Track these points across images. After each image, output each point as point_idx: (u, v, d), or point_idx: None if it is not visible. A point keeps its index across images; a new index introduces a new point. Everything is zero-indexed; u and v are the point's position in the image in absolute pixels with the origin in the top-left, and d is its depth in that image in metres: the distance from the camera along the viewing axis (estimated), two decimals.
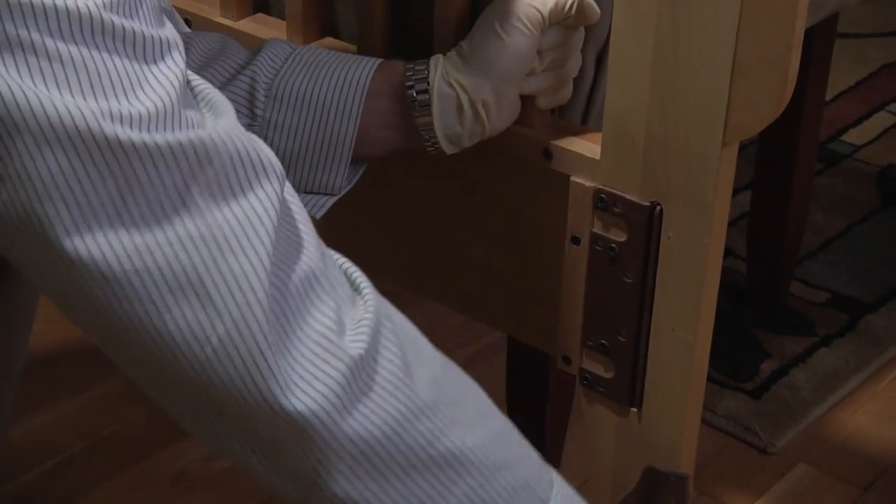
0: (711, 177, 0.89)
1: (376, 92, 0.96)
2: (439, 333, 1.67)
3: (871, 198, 1.91)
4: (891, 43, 2.35)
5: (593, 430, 1.05)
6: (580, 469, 1.42)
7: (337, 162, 0.97)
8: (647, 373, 0.98)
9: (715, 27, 0.85)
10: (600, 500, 1.07)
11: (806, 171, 1.60)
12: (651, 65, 0.89)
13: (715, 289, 0.95)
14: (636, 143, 0.92)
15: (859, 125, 2.10)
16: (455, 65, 0.95)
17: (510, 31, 0.92)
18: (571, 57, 0.97)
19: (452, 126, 0.95)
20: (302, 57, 0.97)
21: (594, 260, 0.98)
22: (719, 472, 1.44)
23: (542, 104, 0.98)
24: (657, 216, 0.93)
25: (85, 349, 1.60)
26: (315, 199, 0.99)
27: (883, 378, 1.58)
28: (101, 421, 1.49)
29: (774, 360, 1.59)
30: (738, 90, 0.86)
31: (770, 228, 1.62)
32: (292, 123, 0.96)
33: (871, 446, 1.47)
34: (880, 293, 1.71)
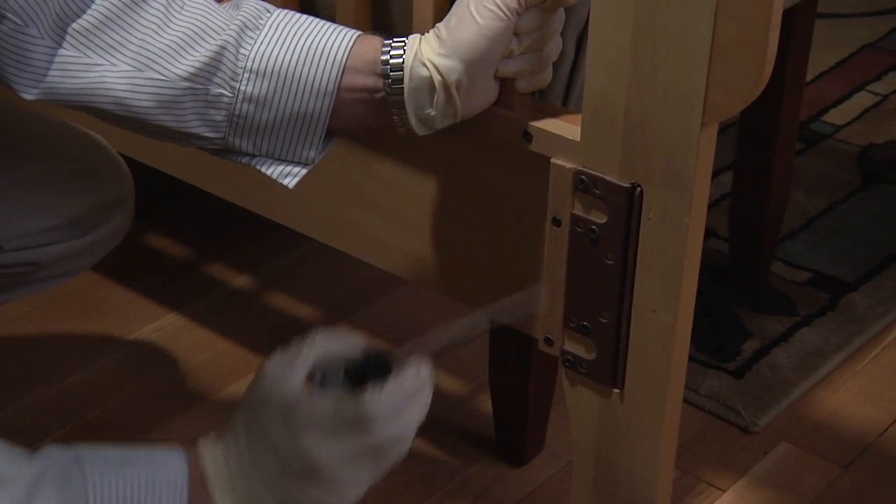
0: (691, 157, 0.89)
1: (352, 68, 0.95)
2: (422, 316, 1.68)
3: (852, 178, 1.92)
4: (871, 23, 2.36)
5: (576, 412, 1.05)
6: (563, 450, 1.43)
7: (310, 136, 0.97)
8: (629, 354, 0.99)
9: (693, 7, 0.85)
10: (583, 480, 1.07)
11: (787, 152, 1.60)
12: (630, 46, 0.89)
13: (695, 269, 0.95)
14: (616, 124, 0.92)
15: (840, 105, 2.10)
16: (431, 45, 0.94)
17: (484, 13, 0.92)
18: (550, 40, 0.96)
19: (424, 107, 0.95)
20: (278, 25, 0.96)
21: (575, 242, 0.98)
22: (702, 451, 1.44)
23: (521, 87, 0.98)
24: (637, 197, 0.93)
25: (68, 334, 1.60)
26: (289, 169, 0.99)
27: (864, 357, 1.58)
28: (85, 406, 1.49)
29: (756, 340, 1.59)
30: (716, 70, 0.86)
31: (751, 209, 1.62)
32: (267, 97, 0.96)
33: (852, 425, 1.48)
34: (861, 272, 1.72)
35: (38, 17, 0.91)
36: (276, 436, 0.85)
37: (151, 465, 0.85)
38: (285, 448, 0.85)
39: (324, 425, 0.84)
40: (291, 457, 0.85)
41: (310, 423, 0.84)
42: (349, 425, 0.84)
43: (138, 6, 0.95)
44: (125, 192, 1.28)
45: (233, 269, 1.72)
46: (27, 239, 1.21)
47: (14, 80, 0.94)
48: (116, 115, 0.97)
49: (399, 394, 0.85)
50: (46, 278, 1.26)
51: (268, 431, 0.85)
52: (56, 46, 0.93)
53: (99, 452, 0.85)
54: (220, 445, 0.87)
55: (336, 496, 0.86)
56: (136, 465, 0.85)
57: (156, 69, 0.94)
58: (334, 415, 0.84)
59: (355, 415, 0.84)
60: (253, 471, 0.86)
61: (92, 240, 1.25)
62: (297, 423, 0.84)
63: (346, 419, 0.84)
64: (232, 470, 0.86)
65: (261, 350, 1.58)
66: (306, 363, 0.86)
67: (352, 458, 0.85)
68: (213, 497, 0.86)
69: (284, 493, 0.86)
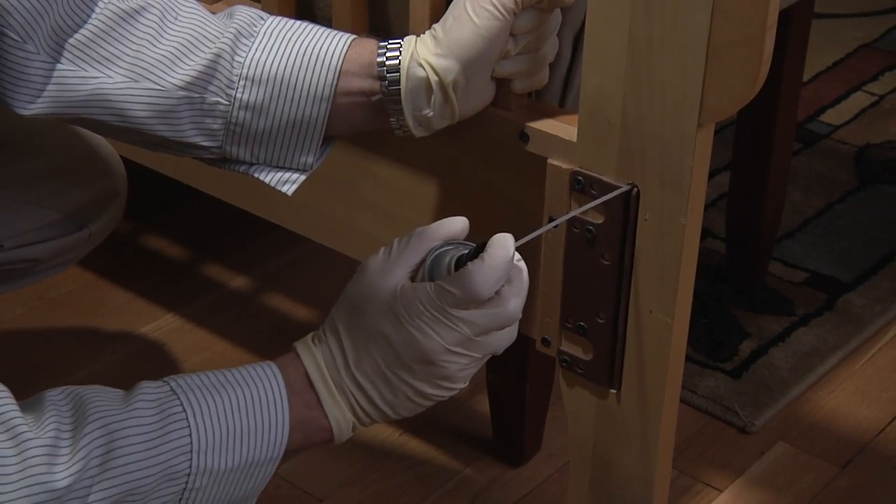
0: (687, 158, 0.90)
1: (348, 71, 0.95)
2: None
3: (848, 178, 1.92)
4: (868, 23, 2.36)
5: (573, 412, 1.05)
6: (561, 450, 1.43)
7: (308, 142, 0.97)
8: (626, 354, 0.99)
9: (690, 8, 0.85)
10: (581, 480, 1.07)
11: (784, 152, 1.60)
12: (626, 46, 0.89)
13: (692, 270, 0.95)
14: (612, 124, 0.92)
15: (837, 105, 2.10)
16: (427, 46, 0.94)
17: (481, 14, 0.92)
18: (547, 40, 0.97)
19: (421, 108, 0.95)
20: (272, 31, 0.96)
21: (571, 242, 0.98)
22: (699, 451, 1.44)
23: (517, 88, 0.98)
24: (634, 198, 0.93)
25: (65, 335, 1.60)
26: (287, 176, 0.99)
27: (861, 357, 1.58)
28: None
29: (753, 340, 1.60)
30: (712, 71, 0.86)
31: (748, 209, 1.62)
32: (263, 104, 0.96)
33: (849, 424, 1.48)
34: (858, 272, 1.72)
35: (36, 33, 0.91)
36: (387, 329, 0.86)
37: (248, 385, 0.86)
38: (398, 339, 0.86)
39: (434, 311, 0.85)
40: (405, 347, 0.86)
41: (421, 311, 0.85)
42: (457, 304, 0.85)
43: (133, 18, 0.95)
44: (119, 185, 1.28)
45: (230, 269, 1.72)
46: (26, 236, 1.21)
47: (11, 96, 0.93)
48: (114, 127, 0.97)
49: (500, 266, 0.86)
50: (43, 270, 1.26)
51: (377, 325, 0.86)
52: (53, 62, 0.93)
53: (193, 379, 0.86)
54: (321, 347, 0.88)
55: (446, 383, 0.88)
56: (231, 386, 0.86)
57: (152, 79, 0.94)
58: (442, 298, 0.85)
59: (462, 290, 0.85)
60: (362, 366, 0.87)
61: (89, 233, 1.26)
62: (409, 313, 0.85)
63: (454, 299, 0.85)
64: (337, 369, 0.88)
65: (259, 350, 1.58)
66: (409, 260, 0.87)
67: (465, 342, 0.86)
68: (321, 396, 0.87)
69: (396, 384, 0.87)
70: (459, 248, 0.88)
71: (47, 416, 0.81)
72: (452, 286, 0.85)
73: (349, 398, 0.88)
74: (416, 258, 0.88)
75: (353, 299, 0.88)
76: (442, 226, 0.90)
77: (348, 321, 0.88)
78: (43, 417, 0.81)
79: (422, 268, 0.88)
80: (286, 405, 0.87)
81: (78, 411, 0.82)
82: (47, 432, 0.80)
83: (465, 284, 0.85)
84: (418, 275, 0.88)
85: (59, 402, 0.83)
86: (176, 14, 0.96)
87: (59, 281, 1.66)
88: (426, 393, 0.88)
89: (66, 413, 0.82)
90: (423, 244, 0.88)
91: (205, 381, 0.86)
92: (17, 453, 0.78)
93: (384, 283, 0.87)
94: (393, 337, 0.86)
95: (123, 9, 0.95)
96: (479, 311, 0.86)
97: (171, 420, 0.84)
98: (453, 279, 0.85)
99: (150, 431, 0.83)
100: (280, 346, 1.58)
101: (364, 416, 0.88)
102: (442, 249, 0.88)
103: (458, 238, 0.90)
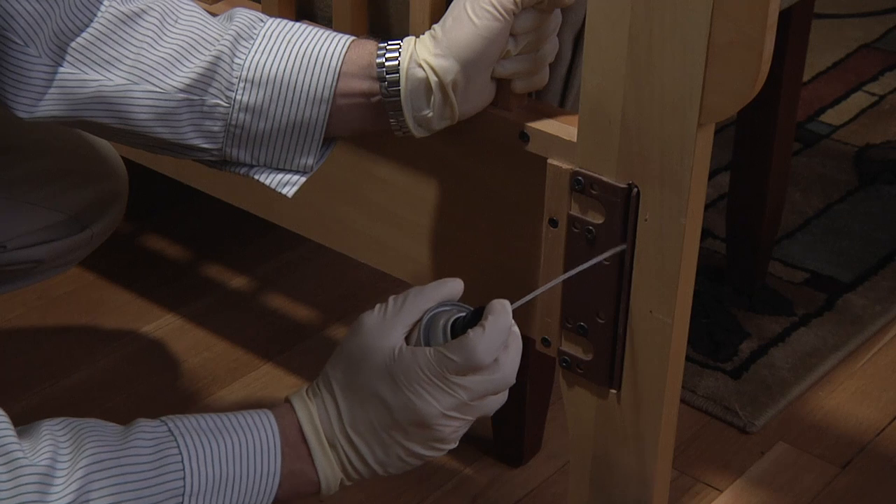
0: (687, 158, 0.90)
1: (347, 73, 0.95)
2: None
3: (848, 178, 1.92)
4: (868, 23, 2.36)
5: (573, 412, 1.05)
6: (561, 450, 1.43)
7: (308, 144, 0.97)
8: (626, 354, 0.99)
9: (690, 8, 0.85)
10: (581, 480, 1.07)
11: (784, 152, 1.60)
12: (627, 46, 0.89)
13: (692, 270, 0.95)
14: (612, 125, 0.92)
15: (837, 105, 2.10)
16: (427, 47, 0.94)
17: (481, 14, 0.92)
18: (547, 41, 0.97)
19: (421, 108, 0.95)
20: (272, 33, 0.96)
21: (572, 242, 0.98)
22: (699, 451, 1.44)
23: (517, 88, 0.98)
24: (634, 198, 0.93)
25: (65, 335, 1.60)
26: (288, 178, 0.99)
27: (861, 357, 1.58)
28: (80, 407, 1.49)
29: (753, 340, 1.60)
30: (713, 71, 0.86)
31: (748, 209, 1.62)
32: (263, 106, 0.96)
33: (849, 425, 1.48)
34: (858, 272, 1.72)
35: (37, 36, 0.91)
36: (383, 391, 0.87)
37: (243, 432, 0.87)
38: (395, 402, 0.87)
39: (433, 377, 0.86)
40: (401, 410, 0.87)
41: (419, 376, 0.86)
42: (457, 371, 0.86)
43: (133, 21, 0.95)
44: (121, 186, 1.29)
45: (230, 269, 1.72)
46: (30, 237, 1.21)
47: (13, 100, 0.93)
48: (114, 130, 0.97)
49: (500, 334, 0.87)
50: (45, 271, 1.27)
51: (373, 387, 0.87)
52: (54, 65, 0.93)
53: (191, 421, 0.87)
54: (315, 401, 0.89)
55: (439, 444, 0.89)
56: (227, 432, 0.87)
57: (152, 81, 0.95)
58: (442, 364, 0.86)
59: (463, 358, 0.86)
60: (356, 425, 0.88)
61: (91, 234, 1.26)
62: (407, 377, 0.86)
63: (455, 366, 0.86)
64: (331, 424, 0.88)
65: (258, 350, 1.58)
66: (405, 320, 0.88)
67: (460, 406, 0.87)
68: (313, 451, 0.88)
69: (389, 445, 0.88)
70: (454, 311, 0.90)
71: (43, 443, 0.82)
72: (454, 353, 0.86)
73: (340, 455, 0.89)
74: (413, 318, 0.89)
75: (349, 357, 0.89)
76: (438, 287, 0.91)
77: (344, 379, 0.89)
78: (38, 445, 0.82)
79: (417, 328, 0.89)
80: (279, 456, 0.88)
81: (75, 443, 0.83)
82: (42, 459, 0.80)
83: (466, 352, 0.86)
84: (413, 335, 0.89)
85: (56, 431, 0.83)
86: (176, 17, 0.96)
87: (59, 281, 1.66)
88: (418, 454, 0.89)
89: (63, 443, 0.82)
90: (418, 304, 0.89)
91: (202, 424, 0.87)
92: (10, 478, 0.79)
93: (381, 344, 0.88)
94: (389, 400, 0.87)
95: (124, 12, 0.95)
96: (477, 378, 0.87)
97: (167, 462, 0.84)
98: (454, 346, 0.87)
99: (146, 471, 0.83)
100: (280, 345, 1.59)
101: (353, 472, 0.90)
102: (437, 310, 0.89)
103: (454, 299, 0.91)
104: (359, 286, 1.68)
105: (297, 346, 1.59)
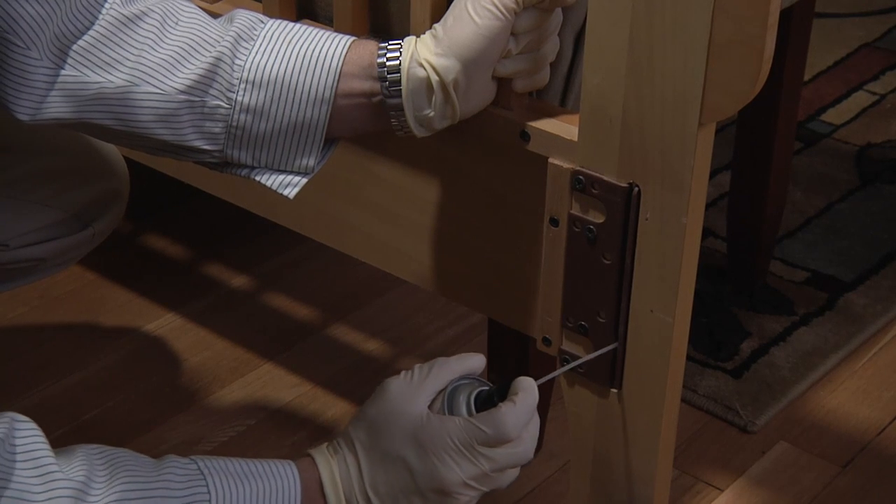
0: (688, 157, 0.90)
1: (348, 73, 0.95)
2: (420, 316, 1.68)
3: (849, 177, 1.92)
4: (869, 22, 2.36)
5: (574, 412, 1.05)
6: (561, 450, 1.43)
7: (309, 145, 0.97)
8: (627, 354, 0.99)
9: (691, 7, 0.85)
10: (582, 480, 1.07)
11: (785, 151, 1.60)
12: (627, 46, 0.89)
13: (693, 269, 0.95)
14: (613, 124, 0.92)
15: (838, 105, 2.10)
16: (427, 46, 0.94)
17: (482, 14, 0.92)
18: (548, 40, 0.96)
19: (422, 108, 0.95)
20: (272, 35, 0.97)
21: (572, 241, 0.98)
22: (700, 451, 1.44)
23: (518, 87, 0.98)
24: (635, 197, 0.93)
25: (65, 333, 1.60)
26: (289, 179, 0.99)
27: (862, 356, 1.58)
28: (82, 406, 1.49)
29: (754, 339, 1.60)
30: (713, 71, 0.86)
31: (749, 208, 1.62)
32: (264, 107, 0.96)
33: (850, 424, 1.48)
34: (859, 272, 1.72)
35: (39, 39, 0.91)
36: (408, 455, 0.89)
37: (267, 479, 0.89)
38: (419, 467, 0.89)
39: (461, 446, 0.89)
40: (424, 475, 0.89)
41: (447, 444, 0.89)
42: (485, 443, 0.90)
43: (133, 23, 0.95)
44: (122, 184, 1.29)
45: (231, 269, 1.72)
46: (32, 235, 1.22)
47: (14, 102, 0.93)
48: (115, 132, 0.97)
49: (528, 410, 0.91)
50: (47, 268, 1.27)
51: (397, 451, 0.90)
52: (55, 68, 0.93)
53: (219, 463, 0.89)
54: (336, 459, 0.91)
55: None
56: (253, 477, 0.89)
57: (152, 83, 0.95)
58: (472, 434, 0.89)
59: (494, 430, 0.89)
60: (376, 486, 0.90)
61: (93, 232, 1.27)
62: (434, 444, 0.89)
63: (484, 437, 0.89)
64: (351, 484, 0.90)
65: (259, 350, 1.58)
66: (430, 388, 0.91)
67: (481, 476, 0.90)
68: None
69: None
70: (476, 384, 0.94)
71: (77, 461, 0.83)
72: (485, 425, 0.89)
73: None
74: (437, 387, 0.92)
75: (374, 419, 0.91)
76: (462, 360, 0.94)
77: (367, 440, 0.91)
78: (73, 461, 0.83)
79: (440, 397, 0.92)
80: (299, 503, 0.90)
81: (110, 468, 0.85)
82: (77, 475, 0.82)
83: (497, 424, 0.89)
84: (436, 403, 0.92)
85: (92, 454, 0.85)
86: (177, 19, 0.96)
87: (59, 280, 1.66)
88: None
89: (98, 465, 0.84)
90: (443, 375, 0.92)
91: (229, 467, 0.89)
92: (44, 490, 0.80)
93: (407, 409, 0.90)
94: (414, 464, 0.89)
95: (125, 14, 0.95)
96: (502, 450, 0.90)
97: (196, 499, 0.86)
98: (485, 418, 0.90)
99: None
100: (280, 345, 1.59)
101: None
102: (460, 382, 0.93)
103: (475, 373, 0.95)
104: (359, 285, 1.68)
105: (297, 346, 1.59)
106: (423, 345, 1.58)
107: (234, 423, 1.47)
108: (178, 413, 1.48)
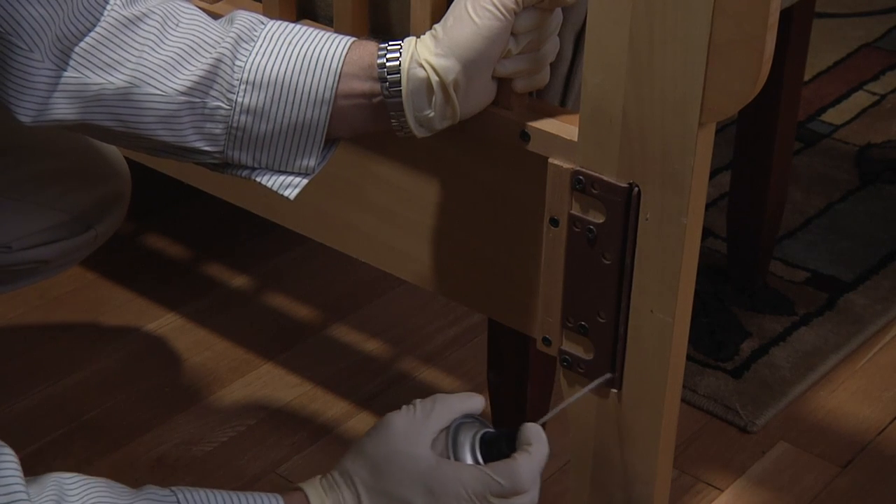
0: (688, 157, 0.90)
1: (348, 74, 0.95)
2: (420, 316, 1.68)
3: (849, 177, 1.92)
4: (869, 23, 2.36)
5: (574, 412, 1.05)
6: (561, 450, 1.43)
7: (309, 145, 0.97)
8: (627, 354, 0.99)
9: (691, 7, 0.85)
10: (582, 480, 1.07)
11: (785, 151, 1.60)
12: (627, 46, 0.89)
13: (693, 269, 0.95)
14: (613, 124, 0.92)
15: (838, 105, 2.10)
16: (427, 46, 0.94)
17: (482, 14, 0.92)
18: (548, 40, 0.96)
19: (422, 108, 0.95)
20: (272, 35, 0.97)
21: (573, 241, 0.98)
22: (700, 451, 1.44)
23: (518, 87, 0.98)
24: (635, 197, 0.93)
25: (65, 333, 1.60)
26: (290, 180, 0.99)
27: (862, 356, 1.58)
28: (81, 406, 1.49)
29: (754, 340, 1.60)
30: (714, 71, 0.86)
31: (749, 208, 1.62)
32: (264, 108, 0.96)
33: (850, 424, 1.48)
34: (859, 272, 1.72)
35: (41, 41, 0.91)
36: (416, 500, 0.88)
37: None
38: None
39: (474, 495, 0.89)
40: None
41: (459, 493, 0.89)
42: (500, 494, 0.89)
43: (134, 25, 0.95)
44: (124, 186, 1.29)
45: (231, 269, 1.72)
46: (35, 237, 1.22)
47: (16, 104, 0.93)
48: (116, 133, 0.97)
49: (542, 461, 0.91)
50: (49, 270, 1.27)
51: (404, 495, 0.89)
52: (57, 69, 0.93)
53: (200, 495, 0.88)
54: (332, 496, 0.90)
55: None
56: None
57: (153, 84, 0.95)
58: (486, 485, 0.89)
59: (510, 482, 0.89)
60: None
61: (95, 233, 1.27)
62: (445, 491, 0.88)
63: (499, 488, 0.89)
64: None
65: (259, 349, 1.58)
66: (433, 427, 0.91)
67: None
68: None
69: None
70: (477, 424, 0.94)
71: (49, 490, 0.82)
72: (500, 476, 0.89)
73: None
74: (440, 426, 0.92)
75: (377, 458, 0.90)
76: (463, 399, 0.94)
77: (370, 479, 0.90)
78: (44, 492, 0.82)
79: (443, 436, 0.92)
80: None
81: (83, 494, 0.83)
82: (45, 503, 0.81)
83: (513, 476, 0.89)
84: (437, 444, 0.91)
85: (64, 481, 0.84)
86: (177, 20, 0.96)
87: (60, 280, 1.66)
88: None
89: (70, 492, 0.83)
90: (446, 414, 0.92)
91: (211, 499, 0.88)
92: None
93: (413, 451, 0.89)
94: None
95: (126, 16, 0.95)
96: (512, 500, 0.90)
97: None
98: (501, 469, 0.89)
99: None
100: (281, 345, 1.59)
101: None
102: (461, 422, 0.93)
103: (475, 413, 0.94)
104: (359, 285, 1.68)
105: (297, 346, 1.59)
106: (423, 345, 1.58)
107: (234, 423, 1.47)
108: (178, 413, 1.48)
